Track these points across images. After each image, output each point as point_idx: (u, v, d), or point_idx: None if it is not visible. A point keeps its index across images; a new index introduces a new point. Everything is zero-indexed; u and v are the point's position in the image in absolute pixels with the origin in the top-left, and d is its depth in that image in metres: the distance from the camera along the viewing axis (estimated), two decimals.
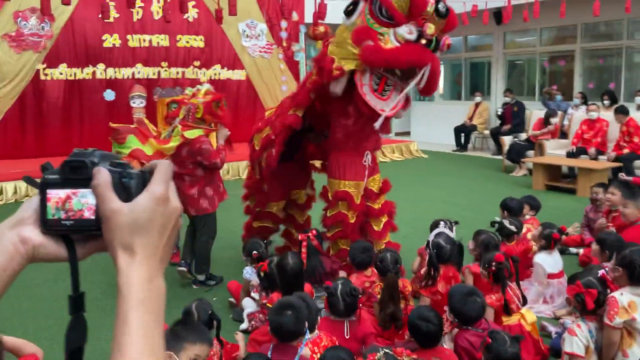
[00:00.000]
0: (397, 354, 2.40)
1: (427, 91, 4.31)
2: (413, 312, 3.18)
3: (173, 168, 0.82)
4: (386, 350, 2.49)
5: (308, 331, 2.92)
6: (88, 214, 0.78)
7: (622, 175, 6.98)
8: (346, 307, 3.33)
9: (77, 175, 0.78)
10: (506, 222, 4.86)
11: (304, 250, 4.40)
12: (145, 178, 0.78)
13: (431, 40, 3.95)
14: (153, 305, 0.75)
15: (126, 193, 0.77)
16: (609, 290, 3.30)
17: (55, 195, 0.78)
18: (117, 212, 0.75)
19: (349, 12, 4.24)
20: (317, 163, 5.51)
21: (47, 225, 0.79)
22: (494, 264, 3.61)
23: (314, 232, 4.47)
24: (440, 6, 3.89)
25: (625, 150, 8.78)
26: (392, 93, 4.19)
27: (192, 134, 4.72)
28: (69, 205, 0.78)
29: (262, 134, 4.91)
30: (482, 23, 11.21)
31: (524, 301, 3.73)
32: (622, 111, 9.08)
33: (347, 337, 3.21)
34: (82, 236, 0.80)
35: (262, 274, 3.84)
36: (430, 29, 3.88)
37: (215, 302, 4.65)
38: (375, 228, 4.65)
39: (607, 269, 3.49)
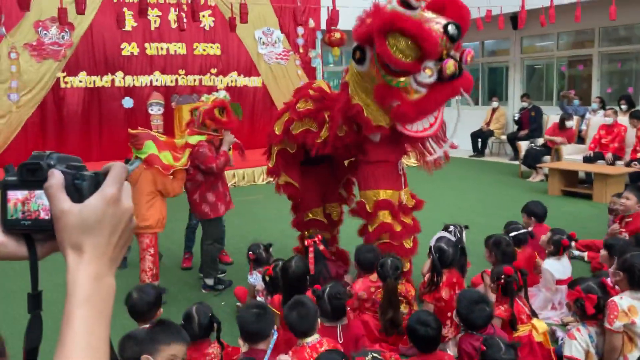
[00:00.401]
0: (385, 358, 2.41)
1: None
2: (412, 316, 3.19)
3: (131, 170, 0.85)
4: (374, 354, 2.50)
5: (307, 335, 2.96)
6: (43, 214, 0.82)
7: None
8: (333, 310, 3.35)
9: (33, 177, 0.82)
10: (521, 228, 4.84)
11: (311, 255, 4.43)
12: (98, 180, 0.81)
13: (454, 74, 3.71)
14: (99, 303, 0.77)
15: (78, 194, 0.80)
16: (609, 296, 3.28)
17: (14, 196, 0.83)
18: (66, 213, 0.78)
19: (358, 60, 3.99)
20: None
21: (7, 225, 0.83)
22: (502, 276, 3.58)
23: (320, 237, 4.49)
24: (451, 30, 3.61)
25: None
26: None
27: (194, 139, 4.86)
28: (27, 206, 0.82)
29: (283, 118, 4.74)
30: (498, 28, 11.16)
31: (533, 314, 3.71)
32: (636, 116, 8.97)
33: (340, 342, 3.22)
34: (43, 236, 0.83)
35: (267, 278, 3.88)
36: (449, 68, 3.63)
37: (224, 307, 4.71)
38: (406, 245, 4.36)
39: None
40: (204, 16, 11.90)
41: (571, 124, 10.43)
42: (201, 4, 11.66)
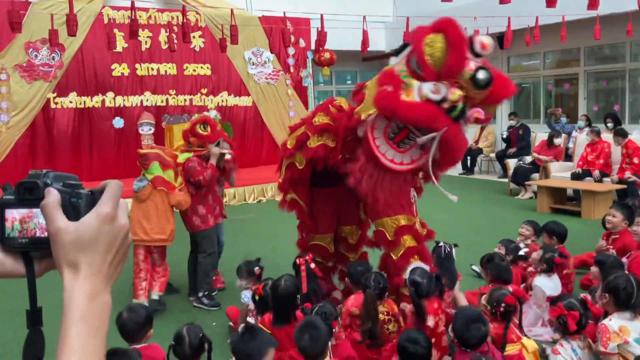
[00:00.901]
0: None
1: (447, 161, 3.87)
2: (402, 334, 3.20)
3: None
4: None
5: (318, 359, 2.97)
6: (40, 233, 0.84)
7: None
8: None
9: (31, 195, 0.84)
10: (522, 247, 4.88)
11: (303, 274, 4.45)
12: (94, 198, 0.83)
13: (455, 107, 3.48)
14: (95, 321, 0.79)
15: (75, 212, 0.81)
16: (590, 313, 3.33)
17: (11, 214, 0.85)
18: (62, 231, 0.79)
19: (397, 51, 3.84)
20: None
21: (5, 244, 0.85)
22: (503, 305, 3.57)
23: (311, 255, 4.51)
24: (481, 75, 3.39)
25: (627, 173, 8.76)
26: (413, 148, 3.81)
27: (182, 157, 5.09)
28: (24, 224, 0.84)
29: (298, 132, 4.53)
30: None
31: (520, 329, 3.74)
32: (620, 134, 9.08)
33: None
34: (40, 253, 0.85)
35: (257, 297, 3.88)
36: (454, 95, 3.41)
37: (215, 327, 4.70)
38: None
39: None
40: (194, 37, 12.00)
41: (559, 141, 10.56)
42: (192, 25, 11.76)
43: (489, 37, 3.55)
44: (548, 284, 4.52)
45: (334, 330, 3.36)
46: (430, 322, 3.51)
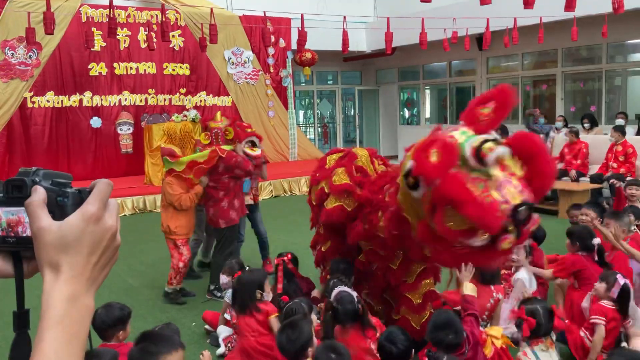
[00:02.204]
0: None
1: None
2: (382, 333, 3.20)
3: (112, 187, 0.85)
4: None
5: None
6: (25, 231, 0.80)
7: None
8: None
9: (19, 193, 0.80)
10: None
11: (280, 274, 4.46)
12: (82, 197, 0.79)
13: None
14: (73, 325, 0.74)
15: (61, 212, 0.78)
16: (552, 324, 3.33)
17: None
18: (44, 230, 0.76)
19: (411, 186, 2.92)
20: None
21: None
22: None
23: (289, 255, 4.50)
24: (521, 216, 2.57)
25: (622, 169, 8.81)
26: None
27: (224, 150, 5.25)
28: (12, 223, 0.81)
29: (318, 186, 4.25)
30: (464, 49, 11.41)
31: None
32: (620, 131, 9.08)
33: None
34: (31, 253, 0.80)
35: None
36: (505, 245, 2.64)
37: (195, 327, 4.68)
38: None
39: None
40: (173, 36, 11.92)
41: None
42: (171, 24, 11.68)
43: (506, 150, 2.66)
44: (527, 278, 4.57)
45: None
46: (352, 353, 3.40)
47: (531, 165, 2.69)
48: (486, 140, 2.68)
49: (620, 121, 10.32)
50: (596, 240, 4.38)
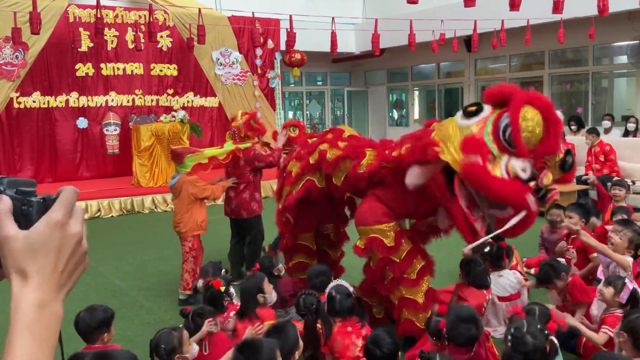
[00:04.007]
0: None
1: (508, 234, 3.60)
2: (369, 335, 3.20)
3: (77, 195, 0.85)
4: None
5: None
6: None
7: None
8: None
9: None
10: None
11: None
12: (47, 205, 0.81)
13: (541, 188, 3.35)
14: (42, 331, 0.76)
15: (26, 220, 0.79)
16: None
17: None
18: (10, 239, 0.77)
19: (469, 113, 3.52)
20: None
21: None
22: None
23: (272, 259, 4.52)
24: (569, 160, 3.39)
25: (590, 174, 8.91)
26: (478, 220, 3.53)
27: (243, 146, 5.58)
28: None
29: (303, 161, 4.51)
30: (452, 50, 11.46)
31: None
32: (594, 132, 9.19)
33: None
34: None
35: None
36: (548, 179, 3.29)
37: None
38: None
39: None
40: (161, 37, 11.87)
41: None
42: (159, 24, 11.64)
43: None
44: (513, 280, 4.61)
45: None
46: (337, 344, 3.41)
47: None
48: None
49: (606, 123, 10.42)
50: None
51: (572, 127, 10.69)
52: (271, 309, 3.84)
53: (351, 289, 3.67)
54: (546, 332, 2.87)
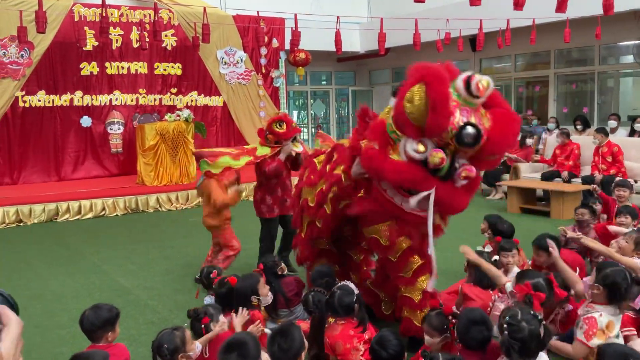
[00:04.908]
0: None
1: (444, 214, 3.75)
2: (375, 336, 3.18)
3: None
4: None
5: None
6: None
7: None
8: None
9: None
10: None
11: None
12: None
13: (442, 167, 3.33)
14: None
15: None
16: (553, 293, 3.34)
17: None
18: None
19: (394, 94, 3.60)
20: None
21: None
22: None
23: (275, 258, 4.51)
24: (465, 134, 3.21)
25: (612, 170, 8.85)
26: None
27: (261, 151, 5.54)
28: None
29: (316, 188, 4.33)
30: (457, 50, 11.43)
31: None
32: (603, 132, 9.14)
33: None
34: None
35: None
36: (434, 158, 3.26)
37: (187, 327, 4.65)
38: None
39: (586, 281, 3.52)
40: (166, 35, 11.88)
41: (531, 142, 10.71)
42: (164, 23, 11.65)
43: (488, 79, 3.30)
44: None
45: None
46: (339, 347, 3.39)
47: (499, 125, 3.31)
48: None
49: (612, 123, 10.37)
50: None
51: (578, 127, 10.65)
52: (259, 313, 3.77)
53: (356, 290, 3.62)
54: (540, 317, 2.86)
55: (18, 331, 0.89)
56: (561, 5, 6.76)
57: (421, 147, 3.31)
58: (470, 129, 3.20)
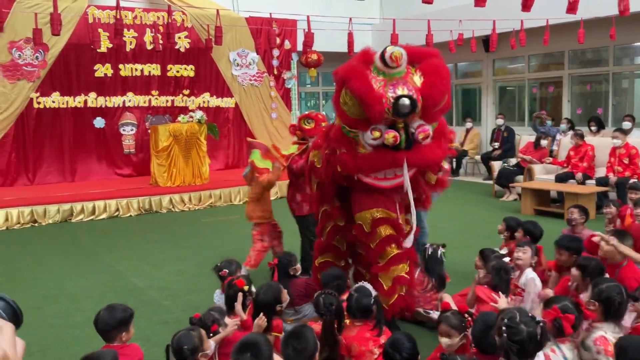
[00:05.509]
0: None
1: (430, 173, 4.13)
2: (388, 339, 3.16)
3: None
4: None
5: None
6: None
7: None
8: None
9: None
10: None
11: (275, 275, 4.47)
12: None
13: (400, 140, 3.65)
14: None
15: None
16: (583, 316, 3.29)
17: None
18: None
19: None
20: None
21: None
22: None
23: (293, 257, 4.50)
24: (400, 107, 3.54)
25: (627, 173, 8.77)
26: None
27: (291, 149, 5.70)
28: None
29: (321, 150, 4.51)
30: (470, 50, 11.39)
31: None
32: (622, 132, 9.06)
33: None
34: None
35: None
36: (388, 139, 3.62)
37: None
38: (402, 272, 4.24)
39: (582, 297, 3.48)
40: (179, 38, 11.94)
41: (545, 143, 10.65)
42: (177, 25, 11.71)
43: (399, 48, 3.66)
44: (538, 278, 4.53)
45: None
46: (354, 348, 3.39)
47: (428, 77, 3.66)
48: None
49: (627, 124, 10.26)
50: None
51: (592, 128, 10.57)
52: (280, 321, 3.77)
53: (374, 292, 3.63)
54: (537, 318, 2.85)
55: (12, 333, 0.95)
56: (573, 6, 6.70)
57: (376, 134, 3.64)
58: (402, 100, 3.53)
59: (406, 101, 3.53)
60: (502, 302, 3.73)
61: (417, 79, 3.70)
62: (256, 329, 3.40)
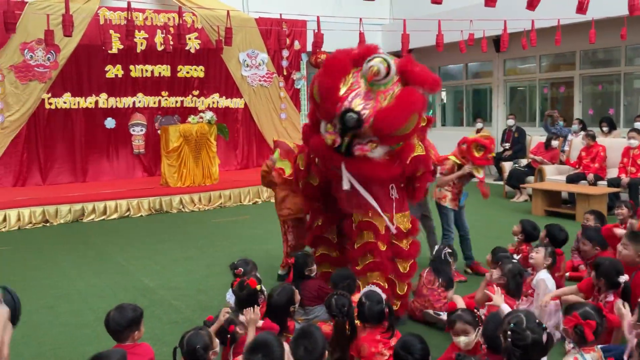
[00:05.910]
0: None
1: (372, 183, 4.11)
2: (399, 340, 3.14)
3: None
4: None
5: None
6: None
7: None
8: None
9: None
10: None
11: (291, 273, 4.48)
12: None
13: (341, 145, 3.79)
14: None
15: None
16: (605, 321, 3.24)
17: None
18: None
19: None
20: None
21: None
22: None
23: (310, 259, 4.51)
24: (346, 119, 3.67)
25: (622, 176, 8.72)
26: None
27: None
28: None
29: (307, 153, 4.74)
30: (481, 50, 11.34)
31: None
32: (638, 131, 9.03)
33: None
34: None
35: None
36: (327, 138, 3.82)
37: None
38: (401, 269, 4.35)
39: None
40: (190, 38, 11.98)
41: (556, 143, 10.59)
42: (188, 26, 11.75)
43: (378, 65, 3.75)
44: (550, 279, 4.49)
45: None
46: (364, 349, 3.38)
47: (392, 102, 3.72)
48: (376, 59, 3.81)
49: (639, 124, 10.19)
50: (623, 278, 4.00)
51: (604, 129, 10.49)
52: (293, 322, 3.77)
53: (384, 296, 3.63)
54: (543, 325, 2.83)
55: (5, 317, 1.00)
56: (582, 6, 6.66)
57: (330, 127, 3.82)
58: (349, 115, 3.65)
59: (353, 116, 3.65)
60: (497, 298, 3.72)
61: (388, 100, 3.78)
62: (251, 324, 3.40)
